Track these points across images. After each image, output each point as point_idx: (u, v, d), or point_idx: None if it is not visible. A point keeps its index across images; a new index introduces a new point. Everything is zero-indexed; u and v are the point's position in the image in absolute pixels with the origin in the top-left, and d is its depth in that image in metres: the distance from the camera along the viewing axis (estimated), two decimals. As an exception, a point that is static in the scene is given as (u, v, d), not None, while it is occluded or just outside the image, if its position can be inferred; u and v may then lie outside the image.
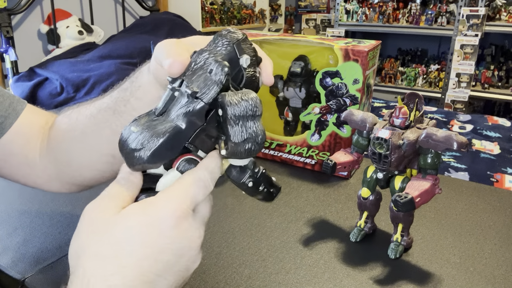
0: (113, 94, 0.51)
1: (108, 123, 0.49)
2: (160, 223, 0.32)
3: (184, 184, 0.34)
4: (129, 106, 0.48)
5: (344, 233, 0.64)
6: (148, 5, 2.85)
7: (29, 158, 0.56)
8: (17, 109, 0.56)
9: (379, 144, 0.54)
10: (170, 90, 0.35)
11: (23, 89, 1.94)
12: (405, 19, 3.34)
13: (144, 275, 0.31)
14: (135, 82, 0.48)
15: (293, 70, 0.83)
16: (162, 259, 0.31)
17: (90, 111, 0.52)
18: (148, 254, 0.31)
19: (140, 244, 0.31)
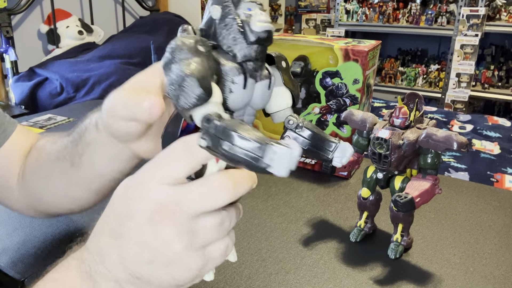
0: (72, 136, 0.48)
1: (67, 174, 0.48)
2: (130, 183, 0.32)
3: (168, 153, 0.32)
4: (85, 159, 0.46)
5: (344, 233, 0.64)
6: (148, 5, 2.85)
7: (9, 182, 0.55)
8: (7, 131, 0.55)
9: (379, 144, 0.54)
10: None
11: (23, 89, 1.94)
12: (405, 19, 3.35)
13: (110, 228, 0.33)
14: (84, 138, 0.45)
15: (293, 70, 0.83)
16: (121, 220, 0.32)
17: (55, 155, 0.50)
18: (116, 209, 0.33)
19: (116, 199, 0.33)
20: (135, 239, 0.31)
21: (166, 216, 0.30)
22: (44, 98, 1.94)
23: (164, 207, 0.30)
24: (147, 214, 0.31)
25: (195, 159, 0.31)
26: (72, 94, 1.91)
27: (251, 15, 0.31)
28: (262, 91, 0.33)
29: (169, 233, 0.31)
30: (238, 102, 0.32)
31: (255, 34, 0.31)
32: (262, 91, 0.33)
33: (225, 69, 0.31)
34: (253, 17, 0.31)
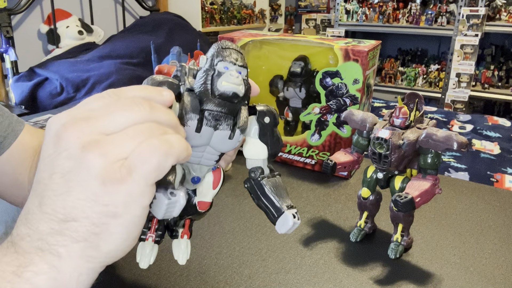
0: None
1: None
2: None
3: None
4: None
5: (344, 233, 0.64)
6: (148, 5, 2.85)
7: (19, 180, 0.55)
8: (16, 130, 0.56)
9: (379, 144, 0.54)
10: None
11: (23, 89, 1.94)
12: (405, 19, 3.35)
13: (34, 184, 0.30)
14: None
15: (293, 70, 0.83)
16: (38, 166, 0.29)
17: None
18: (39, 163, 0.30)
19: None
20: (48, 173, 0.28)
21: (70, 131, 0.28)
22: (44, 98, 1.94)
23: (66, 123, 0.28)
24: (52, 139, 0.28)
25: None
26: (72, 94, 1.91)
27: (223, 73, 0.34)
28: (222, 139, 0.36)
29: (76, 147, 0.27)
30: (192, 142, 0.35)
31: (218, 91, 0.34)
32: (222, 139, 0.36)
33: (186, 109, 0.35)
34: (223, 76, 0.34)
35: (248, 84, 0.37)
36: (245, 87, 0.36)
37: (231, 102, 0.35)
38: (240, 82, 0.35)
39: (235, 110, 0.36)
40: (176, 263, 0.57)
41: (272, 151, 0.39)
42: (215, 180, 0.39)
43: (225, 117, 0.35)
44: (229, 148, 0.37)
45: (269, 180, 0.38)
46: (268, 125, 0.38)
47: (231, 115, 0.36)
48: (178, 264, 0.56)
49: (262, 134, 0.38)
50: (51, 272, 0.27)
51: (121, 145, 0.28)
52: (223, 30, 3.17)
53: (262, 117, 0.38)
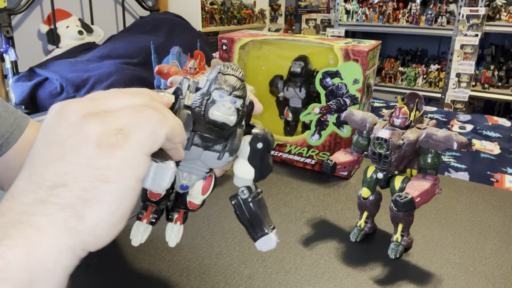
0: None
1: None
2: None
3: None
4: None
5: (344, 233, 0.64)
6: (148, 5, 2.85)
7: None
8: (21, 125, 0.57)
9: (379, 144, 0.54)
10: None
11: (23, 89, 1.94)
12: (405, 19, 3.35)
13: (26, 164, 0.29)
14: None
15: (293, 70, 0.83)
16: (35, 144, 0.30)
17: None
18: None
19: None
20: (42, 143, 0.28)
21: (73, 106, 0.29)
22: (44, 98, 1.94)
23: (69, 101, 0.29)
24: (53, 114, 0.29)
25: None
26: (72, 94, 1.91)
27: (217, 101, 0.35)
28: (211, 158, 0.37)
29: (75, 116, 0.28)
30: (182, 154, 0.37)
31: (207, 118, 0.35)
32: (211, 158, 0.37)
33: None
34: (216, 105, 0.35)
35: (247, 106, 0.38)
36: (239, 116, 0.36)
37: (221, 129, 0.36)
38: (232, 113, 0.35)
39: (226, 134, 0.37)
40: (176, 263, 0.57)
41: (258, 176, 0.39)
42: (204, 187, 0.41)
43: (214, 141, 0.37)
44: (219, 166, 0.38)
45: (256, 200, 0.40)
46: (259, 150, 0.39)
47: (222, 139, 0.37)
48: (178, 264, 0.56)
49: (251, 157, 0.39)
50: (27, 246, 0.25)
51: (120, 118, 0.29)
52: (223, 30, 3.17)
53: (255, 142, 0.38)
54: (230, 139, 0.37)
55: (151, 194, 0.42)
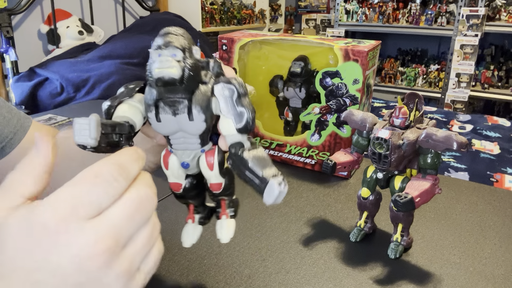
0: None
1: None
2: (36, 233, 0.26)
3: (78, 182, 0.29)
4: None
5: (344, 233, 0.64)
6: (148, 5, 2.85)
7: None
8: (24, 126, 0.57)
9: (379, 144, 0.54)
10: None
11: (23, 89, 1.94)
12: (405, 19, 3.35)
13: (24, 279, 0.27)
14: None
15: (293, 70, 0.84)
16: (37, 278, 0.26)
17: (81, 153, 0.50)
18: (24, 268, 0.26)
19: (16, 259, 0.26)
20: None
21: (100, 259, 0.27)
22: (44, 98, 1.94)
23: (96, 250, 0.27)
24: (74, 264, 0.26)
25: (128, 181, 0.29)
26: (73, 94, 1.91)
27: (155, 62, 0.34)
28: (185, 122, 0.36)
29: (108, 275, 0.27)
30: (161, 130, 0.37)
31: (154, 80, 0.34)
32: (185, 122, 0.36)
33: (145, 103, 0.36)
34: (154, 63, 0.34)
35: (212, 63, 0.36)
36: (185, 68, 0.34)
37: (175, 86, 0.34)
38: (173, 64, 0.33)
39: (187, 92, 0.35)
40: (176, 263, 0.57)
41: (238, 125, 0.36)
42: (208, 162, 0.39)
43: (178, 102, 0.35)
44: (199, 128, 0.36)
45: (250, 152, 0.37)
46: (227, 98, 0.36)
47: (184, 98, 0.35)
48: (178, 264, 0.57)
49: (224, 109, 0.36)
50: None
51: (140, 258, 0.30)
52: (223, 30, 3.18)
53: (220, 92, 0.36)
54: (193, 96, 0.35)
55: (172, 186, 0.41)
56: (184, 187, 0.41)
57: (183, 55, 0.34)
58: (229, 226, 0.43)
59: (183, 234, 0.43)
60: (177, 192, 0.42)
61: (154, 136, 0.42)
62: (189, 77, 0.34)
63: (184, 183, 0.41)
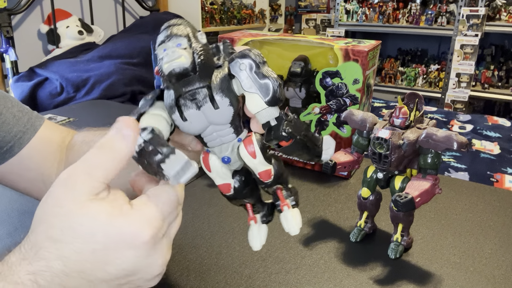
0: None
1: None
2: (125, 240, 0.30)
3: (159, 201, 0.32)
4: None
5: (344, 233, 0.64)
6: (148, 5, 2.85)
7: (45, 175, 0.56)
8: (35, 125, 0.57)
9: (379, 144, 0.54)
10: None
11: (23, 89, 1.94)
12: (405, 19, 3.34)
13: (86, 274, 0.30)
14: None
15: (293, 70, 0.83)
16: (109, 271, 0.30)
17: None
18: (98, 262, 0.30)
19: (94, 251, 0.30)
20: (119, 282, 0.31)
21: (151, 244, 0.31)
22: (44, 98, 1.94)
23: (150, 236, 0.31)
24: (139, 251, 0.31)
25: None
26: (72, 94, 1.91)
27: (163, 57, 0.32)
28: (211, 113, 0.34)
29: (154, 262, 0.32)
30: (191, 130, 0.35)
31: (167, 78, 0.32)
32: (212, 113, 0.33)
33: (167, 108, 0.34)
34: (162, 60, 0.32)
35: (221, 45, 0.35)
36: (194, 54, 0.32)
37: (189, 76, 0.32)
38: (181, 53, 0.32)
39: (203, 79, 0.33)
40: (176, 263, 0.57)
41: (265, 96, 0.34)
42: (249, 150, 0.36)
43: (197, 93, 0.33)
44: (227, 115, 0.34)
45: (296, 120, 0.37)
46: (246, 72, 0.33)
47: (202, 87, 0.33)
48: (178, 264, 0.57)
49: (247, 85, 0.33)
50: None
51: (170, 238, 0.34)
52: (223, 30, 3.17)
53: (237, 68, 0.33)
54: (211, 83, 0.33)
55: (221, 188, 0.39)
56: (233, 187, 0.38)
57: (188, 42, 0.33)
58: (294, 216, 0.40)
59: (250, 238, 0.41)
60: (228, 194, 0.39)
61: (188, 143, 0.40)
62: (201, 62, 0.32)
63: (233, 182, 0.38)
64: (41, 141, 0.57)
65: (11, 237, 0.63)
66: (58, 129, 0.60)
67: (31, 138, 0.56)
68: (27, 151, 0.56)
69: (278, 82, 0.34)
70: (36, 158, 0.56)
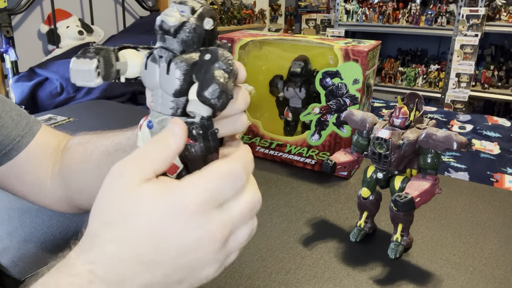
0: (128, 134, 0.51)
1: None
2: (172, 211, 0.30)
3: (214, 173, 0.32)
4: None
5: (344, 233, 0.64)
6: (148, 5, 2.85)
7: (40, 178, 0.57)
8: (33, 129, 0.57)
9: (379, 144, 0.54)
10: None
11: (23, 89, 1.94)
12: (405, 19, 3.34)
13: (140, 255, 0.30)
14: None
15: (293, 70, 0.84)
16: (163, 248, 0.30)
17: (105, 147, 0.52)
18: (151, 238, 0.30)
19: (145, 227, 0.30)
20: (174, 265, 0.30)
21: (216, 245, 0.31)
22: (44, 98, 1.94)
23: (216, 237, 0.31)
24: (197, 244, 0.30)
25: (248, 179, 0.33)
26: (72, 94, 1.91)
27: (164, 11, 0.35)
28: (163, 75, 0.35)
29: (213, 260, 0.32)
30: (145, 81, 0.37)
31: (156, 26, 0.35)
32: (163, 75, 0.35)
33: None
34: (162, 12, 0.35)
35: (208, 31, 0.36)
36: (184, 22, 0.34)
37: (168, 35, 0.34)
38: (174, 14, 0.34)
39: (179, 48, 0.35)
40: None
41: (199, 89, 0.34)
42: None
43: (165, 53, 0.35)
44: (172, 86, 0.35)
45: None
46: (204, 61, 0.35)
47: (172, 52, 0.35)
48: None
49: (197, 70, 0.35)
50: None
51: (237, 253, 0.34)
52: (223, 30, 3.17)
53: (203, 54, 0.35)
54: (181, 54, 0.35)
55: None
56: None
57: (190, 15, 0.35)
58: None
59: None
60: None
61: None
62: (184, 33, 0.34)
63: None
64: (38, 145, 0.57)
65: (11, 237, 0.63)
66: (55, 134, 0.61)
67: (29, 142, 0.56)
68: (25, 154, 0.56)
69: (221, 91, 0.34)
70: (33, 162, 0.56)
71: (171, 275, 0.31)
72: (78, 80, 0.35)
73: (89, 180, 0.53)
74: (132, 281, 0.29)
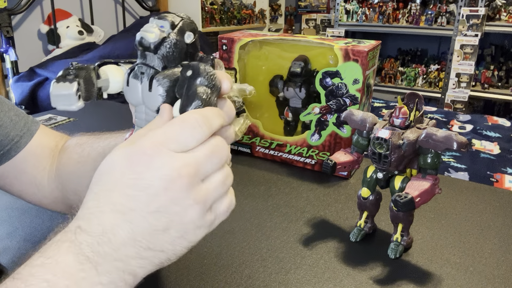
0: (125, 135, 0.51)
1: None
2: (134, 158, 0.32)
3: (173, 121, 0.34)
4: None
5: (344, 233, 0.64)
6: (148, 5, 2.85)
7: (38, 178, 0.57)
8: (31, 129, 0.58)
9: (379, 144, 0.54)
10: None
11: (23, 89, 1.95)
12: (405, 19, 3.34)
13: (114, 204, 0.32)
14: None
15: (293, 70, 0.84)
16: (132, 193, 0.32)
17: (102, 148, 0.53)
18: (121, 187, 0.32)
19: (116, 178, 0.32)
20: (149, 209, 0.32)
21: (184, 181, 0.32)
22: (44, 98, 1.94)
23: (181, 173, 0.32)
24: (163, 183, 0.31)
25: (211, 131, 0.34)
26: (72, 94, 1.91)
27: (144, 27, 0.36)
28: (145, 91, 0.36)
29: (188, 198, 0.32)
30: (128, 97, 0.37)
31: (136, 43, 0.36)
32: (145, 92, 0.36)
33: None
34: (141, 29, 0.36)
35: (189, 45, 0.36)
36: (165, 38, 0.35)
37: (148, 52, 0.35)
38: (153, 30, 0.34)
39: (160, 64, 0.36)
40: (176, 263, 0.57)
41: (182, 105, 0.35)
42: None
43: (146, 70, 0.36)
44: (155, 103, 0.36)
45: None
46: (187, 77, 0.35)
47: (154, 68, 0.36)
48: (178, 264, 0.57)
49: (179, 86, 0.35)
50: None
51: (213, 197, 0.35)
52: (223, 30, 3.17)
53: (185, 70, 0.35)
54: (162, 70, 0.36)
55: None
56: None
57: (170, 30, 0.35)
58: None
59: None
60: None
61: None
62: (164, 49, 0.35)
63: None
64: (36, 145, 0.57)
65: (11, 237, 0.63)
66: (53, 134, 0.61)
67: (27, 142, 0.56)
68: (23, 154, 0.56)
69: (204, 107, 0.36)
70: (31, 162, 0.57)
71: (151, 222, 0.32)
72: (59, 105, 0.35)
73: (85, 181, 0.53)
74: (113, 232, 0.31)
